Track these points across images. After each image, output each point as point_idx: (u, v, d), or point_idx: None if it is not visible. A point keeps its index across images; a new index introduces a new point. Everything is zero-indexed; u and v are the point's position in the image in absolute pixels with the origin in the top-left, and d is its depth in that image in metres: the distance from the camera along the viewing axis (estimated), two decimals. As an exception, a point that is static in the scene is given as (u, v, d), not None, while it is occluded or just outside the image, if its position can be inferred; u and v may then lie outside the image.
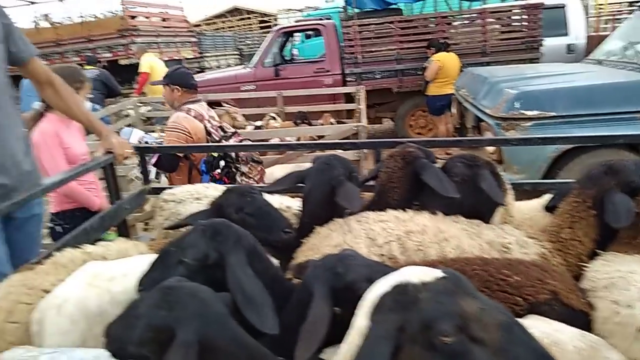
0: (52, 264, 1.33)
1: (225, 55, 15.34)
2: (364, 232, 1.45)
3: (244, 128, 5.30)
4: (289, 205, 1.85)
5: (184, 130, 2.70)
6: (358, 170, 2.23)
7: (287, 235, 1.49)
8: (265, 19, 26.70)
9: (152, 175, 2.83)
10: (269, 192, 1.69)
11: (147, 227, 2.94)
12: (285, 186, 1.66)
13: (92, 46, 9.88)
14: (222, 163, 2.59)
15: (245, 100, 6.42)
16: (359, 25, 6.39)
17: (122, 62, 9.66)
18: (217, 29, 23.18)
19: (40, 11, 12.03)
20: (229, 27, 23.91)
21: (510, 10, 6.74)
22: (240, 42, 17.55)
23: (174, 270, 1.11)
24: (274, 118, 5.85)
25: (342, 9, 14.82)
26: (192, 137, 2.70)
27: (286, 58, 7.85)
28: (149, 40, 9.73)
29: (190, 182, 2.61)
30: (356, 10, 6.56)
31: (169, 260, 1.15)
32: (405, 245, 1.43)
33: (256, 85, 6.95)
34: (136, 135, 3.31)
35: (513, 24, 6.64)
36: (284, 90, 6.29)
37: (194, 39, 12.61)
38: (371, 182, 1.81)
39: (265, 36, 21.67)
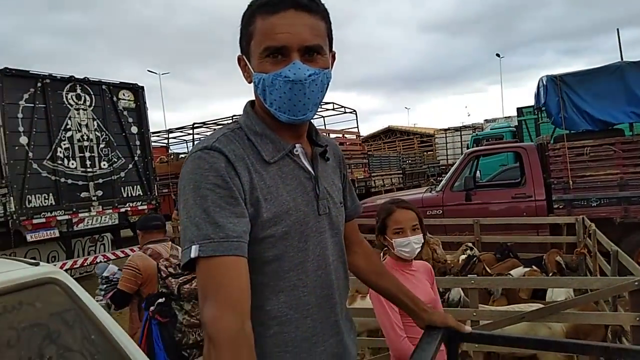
0: None
1: (390, 174, 15.55)
2: None
3: (443, 263, 4.75)
4: None
5: (135, 268, 3.04)
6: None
7: None
8: (424, 139, 27.30)
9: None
10: None
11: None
12: None
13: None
14: (160, 299, 2.66)
15: (431, 227, 5.96)
16: (570, 148, 5.65)
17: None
18: (378, 149, 24.16)
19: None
20: (390, 147, 24.78)
21: None
22: (403, 162, 17.77)
23: None
24: (470, 249, 5.21)
25: (514, 128, 14.34)
26: (140, 274, 3.03)
27: (478, 182, 7.33)
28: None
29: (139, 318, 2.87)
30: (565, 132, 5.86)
31: None
32: None
33: (442, 210, 6.50)
34: (110, 270, 3.33)
35: None
36: (475, 217, 5.72)
37: (365, 161, 13.07)
38: None
39: (423, 155, 22.03)
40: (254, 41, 1.01)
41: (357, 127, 14.15)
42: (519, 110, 13.20)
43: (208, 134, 15.13)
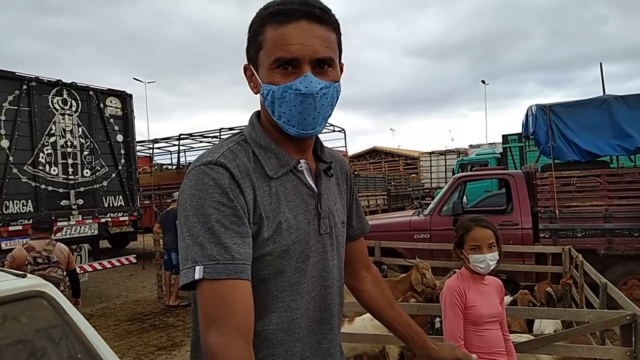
0: None
1: (376, 195, 15.57)
2: None
3: (432, 288, 4.69)
4: None
5: (12, 256, 4.31)
6: None
7: None
8: (409, 161, 27.54)
9: None
10: None
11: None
12: None
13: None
14: None
15: (417, 250, 5.95)
16: (557, 178, 5.73)
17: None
18: (363, 169, 24.26)
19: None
20: (375, 168, 24.90)
21: None
22: (388, 183, 17.84)
23: None
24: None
25: (499, 155, 14.55)
26: (15, 260, 4.23)
27: (465, 207, 7.36)
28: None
29: None
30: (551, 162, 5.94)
31: None
32: None
33: (430, 234, 6.48)
34: None
35: None
36: (463, 242, 5.71)
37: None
38: None
39: (408, 177, 22.18)
40: (263, 51, 0.98)
41: (345, 146, 14.19)
42: (504, 137, 13.42)
43: (195, 145, 14.66)
